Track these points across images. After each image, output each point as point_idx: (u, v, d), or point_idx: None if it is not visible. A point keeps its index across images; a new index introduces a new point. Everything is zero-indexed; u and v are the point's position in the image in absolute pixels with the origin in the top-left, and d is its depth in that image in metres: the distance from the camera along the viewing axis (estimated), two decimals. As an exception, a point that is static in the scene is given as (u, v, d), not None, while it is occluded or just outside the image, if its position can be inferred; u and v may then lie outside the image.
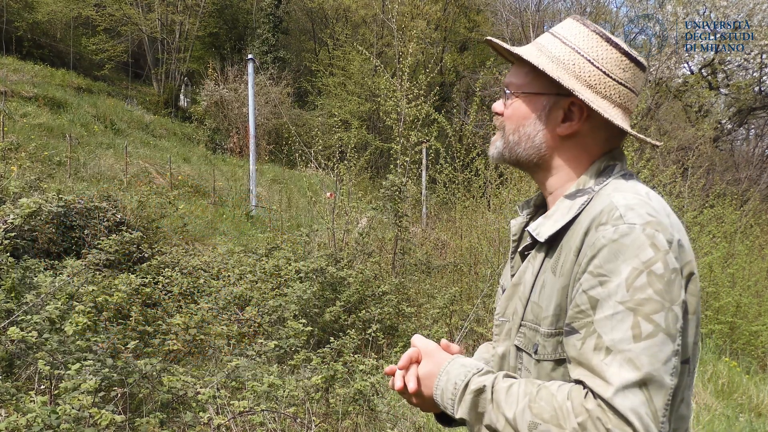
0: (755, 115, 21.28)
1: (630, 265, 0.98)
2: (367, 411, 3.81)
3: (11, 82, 18.36)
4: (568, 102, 1.17)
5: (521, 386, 1.04)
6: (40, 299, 3.82)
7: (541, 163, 1.22)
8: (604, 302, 0.98)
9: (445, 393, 1.11)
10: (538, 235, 1.15)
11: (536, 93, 1.20)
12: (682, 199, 9.77)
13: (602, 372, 0.95)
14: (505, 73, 1.51)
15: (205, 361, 4.58)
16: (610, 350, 0.95)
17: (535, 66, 1.17)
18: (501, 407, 1.03)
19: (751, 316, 8.31)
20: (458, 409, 1.08)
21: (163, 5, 25.95)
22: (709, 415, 5.16)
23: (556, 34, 1.22)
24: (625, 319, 0.96)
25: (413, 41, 9.13)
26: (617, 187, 1.11)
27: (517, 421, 1.00)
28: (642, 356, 0.94)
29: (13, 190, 6.28)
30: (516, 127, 1.21)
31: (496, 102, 1.27)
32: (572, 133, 1.18)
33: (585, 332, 1.00)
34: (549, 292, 1.10)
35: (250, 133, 15.24)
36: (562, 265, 1.09)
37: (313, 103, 26.84)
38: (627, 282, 0.97)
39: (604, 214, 1.04)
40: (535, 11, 23.53)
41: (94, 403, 2.77)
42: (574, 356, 1.01)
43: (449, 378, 1.12)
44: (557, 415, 0.96)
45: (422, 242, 8.95)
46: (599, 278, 0.99)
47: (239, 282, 5.95)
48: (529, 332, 1.13)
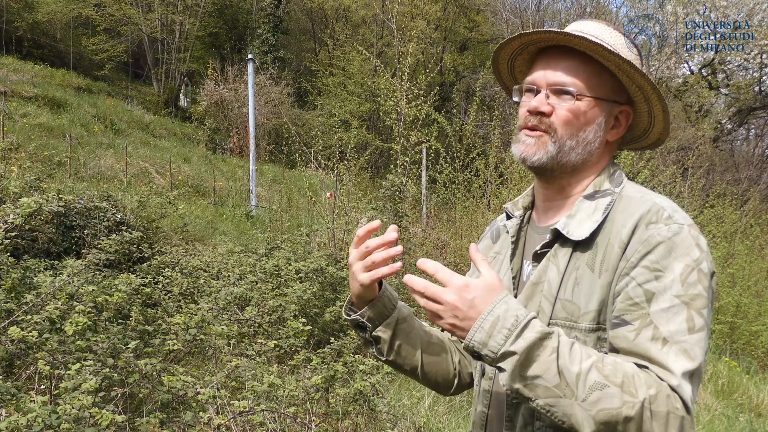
0: (755, 115, 21.29)
1: (683, 263, 1.03)
2: (367, 411, 3.81)
3: (11, 82, 18.35)
4: (621, 108, 1.20)
5: (582, 348, 1.01)
6: (40, 299, 3.82)
7: (579, 168, 1.19)
8: (660, 296, 1.02)
9: (502, 321, 0.98)
10: (569, 234, 1.14)
11: (603, 99, 1.17)
12: (682, 199, 9.77)
13: (662, 360, 0.99)
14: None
15: (205, 361, 4.58)
16: (668, 341, 1.00)
17: (606, 67, 1.15)
18: (563, 359, 0.97)
19: (751, 316, 8.31)
20: (513, 343, 0.97)
21: (163, 5, 25.93)
22: (709, 415, 5.16)
23: (603, 40, 1.16)
24: (680, 312, 1.01)
25: (413, 41, 9.12)
26: (641, 190, 1.17)
27: (580, 377, 0.96)
28: (696, 348, 1.00)
29: (13, 190, 6.28)
30: (575, 131, 1.16)
31: (534, 99, 1.17)
32: (617, 140, 1.22)
33: (639, 324, 1.02)
34: (588, 289, 1.10)
35: (250, 133, 15.22)
36: (602, 262, 1.09)
37: (313, 103, 26.82)
38: (681, 277, 1.02)
39: (652, 214, 1.08)
40: (535, 11, 23.51)
41: (95, 403, 2.77)
42: (625, 347, 1.03)
43: (509, 308, 1.00)
44: (628, 382, 0.97)
45: (422, 242, 8.94)
46: (655, 273, 1.03)
47: (239, 282, 5.95)
48: (563, 330, 1.09)
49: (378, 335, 1.28)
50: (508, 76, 1.32)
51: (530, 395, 0.98)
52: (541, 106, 1.16)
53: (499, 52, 1.26)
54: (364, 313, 1.27)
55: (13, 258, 4.50)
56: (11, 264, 4.30)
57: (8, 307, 3.59)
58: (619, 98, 1.19)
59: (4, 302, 3.62)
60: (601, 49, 1.12)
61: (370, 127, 24.22)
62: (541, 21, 23.05)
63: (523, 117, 1.20)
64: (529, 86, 1.20)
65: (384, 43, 25.64)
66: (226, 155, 20.86)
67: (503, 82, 1.34)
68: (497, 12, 24.50)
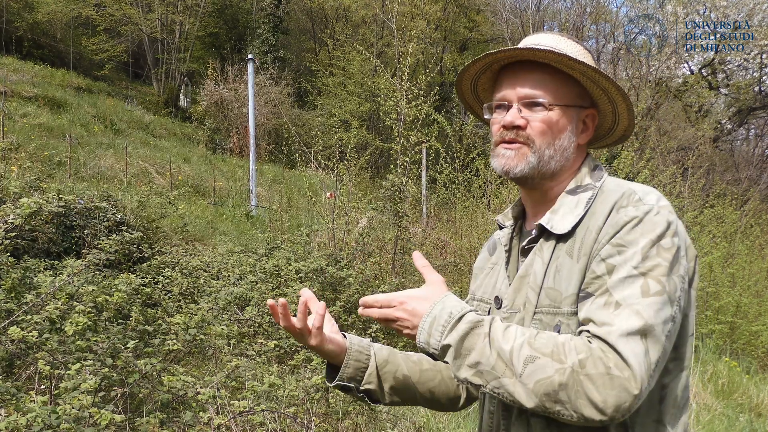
0: (755, 115, 21.29)
1: (647, 238, 1.06)
2: (367, 411, 3.81)
3: (11, 82, 18.35)
4: (587, 112, 1.25)
5: (519, 328, 1.07)
6: (40, 299, 3.82)
7: (558, 172, 1.24)
8: (620, 267, 1.05)
9: (437, 320, 1.10)
10: (553, 228, 1.18)
11: (571, 105, 1.23)
12: (682, 199, 9.77)
13: (609, 321, 1.01)
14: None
15: (205, 361, 4.59)
16: (620, 304, 1.02)
17: (569, 75, 1.21)
18: (497, 342, 1.04)
19: (751, 316, 8.30)
20: (447, 336, 1.07)
21: (163, 5, 25.94)
22: (709, 415, 5.16)
23: (560, 50, 1.21)
24: (636, 281, 1.03)
25: (413, 41, 9.11)
26: (618, 182, 1.20)
27: (513, 354, 1.02)
28: (648, 309, 1.01)
29: (13, 190, 6.27)
30: (551, 140, 1.21)
31: (508, 114, 1.21)
32: (587, 141, 1.28)
33: (598, 293, 1.05)
34: (567, 274, 1.13)
35: (250, 133, 15.23)
36: (579, 248, 1.13)
37: (313, 103, 26.83)
38: (642, 251, 1.05)
39: (624, 198, 1.12)
40: (535, 11, 23.51)
41: (94, 403, 2.77)
42: (584, 316, 1.06)
43: (444, 307, 1.11)
44: (558, 351, 1.00)
45: (422, 242, 8.93)
46: (618, 248, 1.07)
47: (239, 282, 5.95)
48: (547, 317, 1.14)
49: (366, 388, 1.34)
50: (470, 95, 1.37)
51: (479, 382, 1.05)
52: (516, 120, 1.20)
53: (463, 73, 1.30)
54: (342, 377, 1.33)
55: (13, 258, 4.49)
56: (11, 264, 4.30)
57: (8, 307, 3.59)
58: (584, 103, 1.25)
59: (4, 302, 3.62)
60: (567, 60, 1.17)
61: (370, 127, 24.22)
62: (541, 21, 23.05)
63: (498, 132, 1.24)
64: (499, 102, 1.25)
65: (384, 43, 25.65)
66: (226, 155, 20.86)
67: (466, 101, 1.39)
68: (497, 12, 24.50)
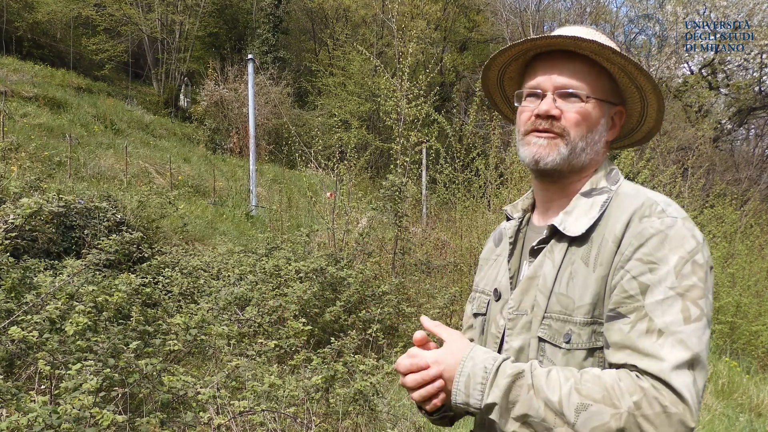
0: (755, 115, 21.28)
1: (677, 254, 1.03)
2: (367, 411, 3.81)
3: (11, 82, 18.35)
4: (616, 109, 1.23)
5: (560, 372, 1.03)
6: (40, 299, 3.82)
7: (586, 166, 1.22)
8: (655, 287, 1.02)
9: (473, 378, 1.05)
10: (566, 230, 1.16)
11: (605, 100, 1.21)
12: (682, 199, 9.77)
13: (655, 352, 0.98)
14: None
15: (205, 361, 4.59)
16: (663, 332, 0.99)
17: (604, 69, 1.18)
18: (543, 392, 1.00)
19: (751, 316, 8.30)
20: (489, 394, 1.03)
21: (163, 5, 25.92)
22: (709, 415, 5.16)
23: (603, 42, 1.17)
24: (675, 304, 1.00)
25: (413, 41, 9.12)
26: (636, 187, 1.17)
27: (563, 404, 0.99)
28: (692, 337, 0.99)
29: (13, 190, 6.27)
30: (584, 132, 1.18)
31: (543, 103, 1.17)
32: (613, 139, 1.26)
33: (635, 316, 1.02)
34: (582, 283, 1.10)
35: (250, 133, 15.22)
36: (596, 257, 1.10)
37: (313, 103, 26.82)
38: (675, 269, 1.02)
39: (645, 208, 1.09)
40: (535, 11, 23.51)
41: (95, 403, 2.77)
42: (619, 340, 1.03)
43: (476, 363, 1.07)
44: (610, 395, 0.97)
45: (422, 242, 8.93)
46: (649, 265, 1.03)
47: (239, 282, 5.95)
48: (557, 323, 1.12)
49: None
50: (495, 83, 1.33)
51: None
52: (552, 109, 1.17)
53: (497, 57, 1.26)
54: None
55: (13, 258, 4.50)
56: (11, 264, 4.30)
57: (8, 307, 3.60)
58: (614, 99, 1.22)
59: (4, 302, 3.62)
60: (609, 53, 1.13)
61: (370, 127, 24.22)
62: (540, 21, 23.05)
63: (529, 121, 1.20)
64: (531, 90, 1.21)
65: (384, 43, 25.65)
66: (226, 155, 20.85)
67: (489, 89, 1.35)
68: (497, 12, 24.50)
